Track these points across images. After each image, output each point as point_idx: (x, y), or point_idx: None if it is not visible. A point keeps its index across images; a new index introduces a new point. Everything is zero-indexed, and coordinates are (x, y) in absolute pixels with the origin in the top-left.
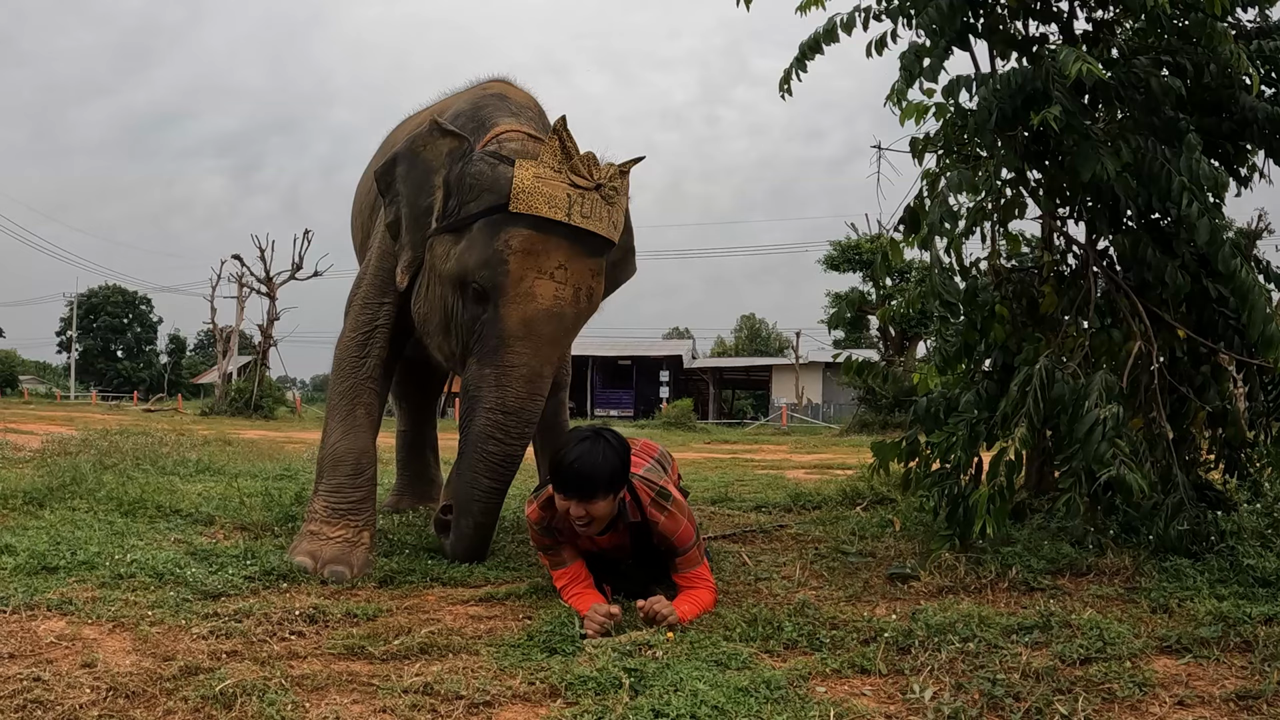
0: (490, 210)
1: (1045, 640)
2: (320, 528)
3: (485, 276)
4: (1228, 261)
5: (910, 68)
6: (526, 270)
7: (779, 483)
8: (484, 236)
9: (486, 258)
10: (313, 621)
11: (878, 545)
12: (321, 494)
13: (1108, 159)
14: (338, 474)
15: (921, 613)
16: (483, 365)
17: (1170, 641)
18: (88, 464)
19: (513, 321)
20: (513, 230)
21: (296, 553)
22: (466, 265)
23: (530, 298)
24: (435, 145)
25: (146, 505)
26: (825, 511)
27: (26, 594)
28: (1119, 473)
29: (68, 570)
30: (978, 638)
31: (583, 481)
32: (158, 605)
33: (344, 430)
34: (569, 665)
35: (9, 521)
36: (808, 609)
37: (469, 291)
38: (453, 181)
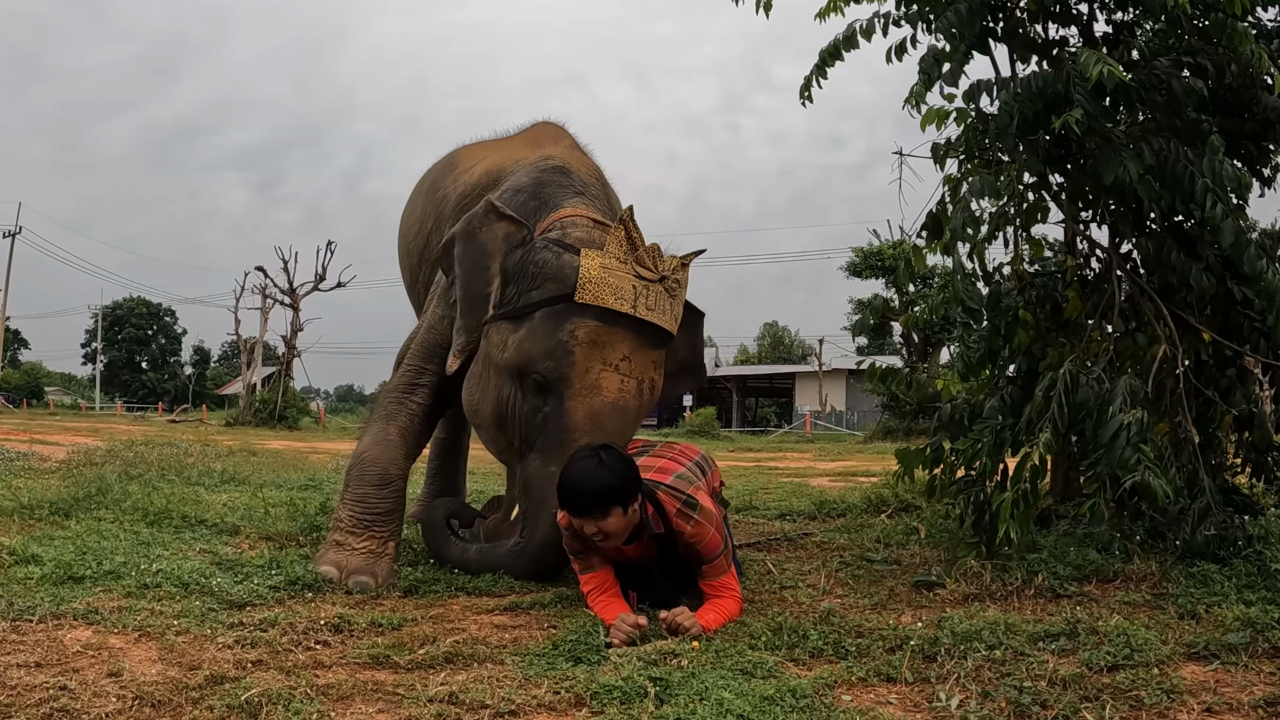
0: (555, 300)
1: (1072, 648)
2: (345, 538)
3: (549, 368)
4: (1253, 263)
5: (929, 71)
6: (592, 362)
7: (803, 490)
8: (547, 326)
9: (550, 348)
10: (338, 631)
11: (903, 553)
12: (347, 503)
13: (1130, 162)
14: (364, 484)
15: (947, 620)
16: (547, 462)
17: (1198, 648)
18: (113, 474)
19: (579, 415)
20: (579, 321)
21: (322, 562)
22: (529, 355)
23: (596, 390)
24: (491, 229)
25: (172, 515)
26: (850, 519)
27: (53, 603)
28: (1144, 478)
29: (94, 580)
30: (1004, 645)
31: (581, 499)
32: (183, 615)
33: (374, 441)
34: (594, 674)
35: (35, 531)
36: (833, 617)
37: (529, 382)
38: (512, 269)
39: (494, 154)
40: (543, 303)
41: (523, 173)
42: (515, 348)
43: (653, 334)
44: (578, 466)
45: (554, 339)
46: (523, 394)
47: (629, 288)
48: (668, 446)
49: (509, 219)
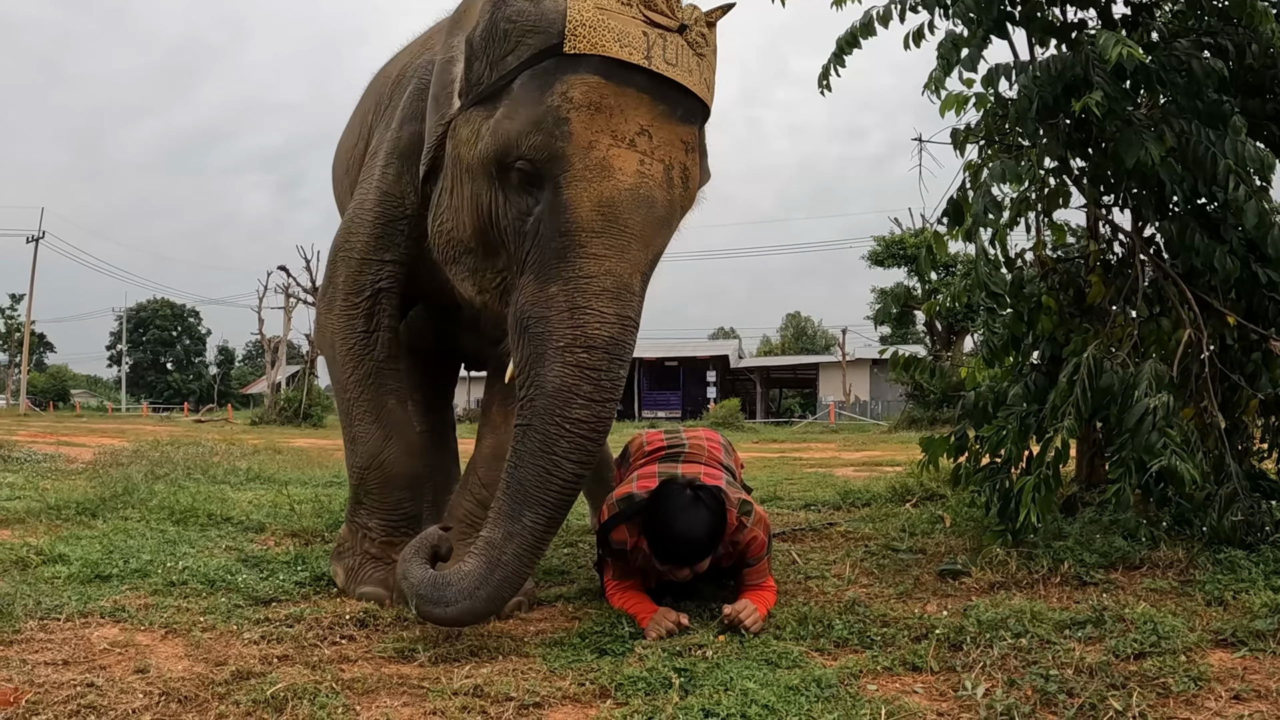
0: (537, 57)
1: (1098, 635)
2: (384, 550)
3: (536, 144)
4: (1277, 244)
5: (948, 56)
6: (597, 134)
7: (828, 480)
8: (529, 94)
9: (536, 118)
10: (363, 625)
11: (928, 542)
12: (376, 511)
13: (1151, 144)
14: (392, 488)
15: (973, 609)
16: (544, 281)
17: (1225, 635)
18: (139, 474)
19: (585, 209)
20: (571, 79)
21: (366, 582)
22: (507, 136)
23: (606, 172)
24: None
25: (198, 514)
26: (875, 509)
27: (80, 602)
28: (1170, 463)
29: (120, 578)
30: (1030, 633)
31: (688, 554)
32: (209, 611)
33: (383, 434)
34: (619, 666)
35: (62, 531)
36: (858, 607)
37: (512, 176)
38: (479, 37)
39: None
40: (521, 66)
41: None
42: (492, 131)
43: (679, 99)
44: (679, 512)
45: (540, 106)
46: (505, 196)
47: (639, 34)
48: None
49: None
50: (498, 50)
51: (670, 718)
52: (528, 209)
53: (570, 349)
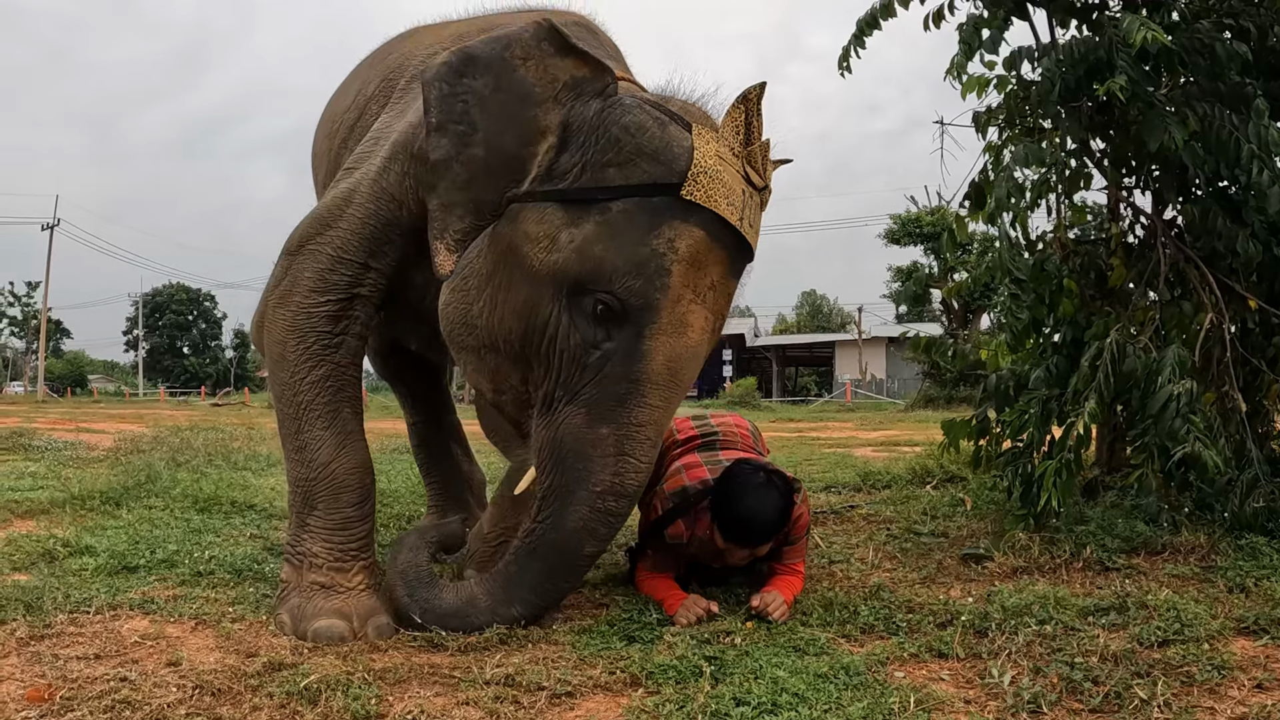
0: (650, 189)
1: (1122, 622)
2: (333, 578)
3: (634, 289)
4: None
5: (969, 40)
6: (685, 289)
7: (847, 461)
8: (633, 227)
9: (640, 260)
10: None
11: (950, 525)
12: (321, 533)
13: (1175, 128)
14: (341, 504)
15: (997, 595)
16: (596, 420)
17: (1248, 623)
18: (161, 462)
19: (658, 361)
20: (681, 227)
21: (317, 616)
22: (600, 264)
23: (683, 329)
24: (549, 64)
25: (221, 501)
26: (895, 491)
27: (109, 594)
28: (1194, 449)
29: (148, 569)
30: (1054, 620)
31: (759, 534)
32: (238, 601)
33: (336, 443)
34: (649, 654)
35: (88, 522)
36: (883, 592)
37: (587, 303)
38: (580, 126)
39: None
40: (631, 189)
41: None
42: (576, 249)
43: (744, 258)
44: (753, 493)
45: (645, 247)
46: (572, 318)
47: (739, 191)
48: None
49: (581, 56)
50: (602, 154)
51: (702, 706)
52: (596, 342)
53: (604, 496)
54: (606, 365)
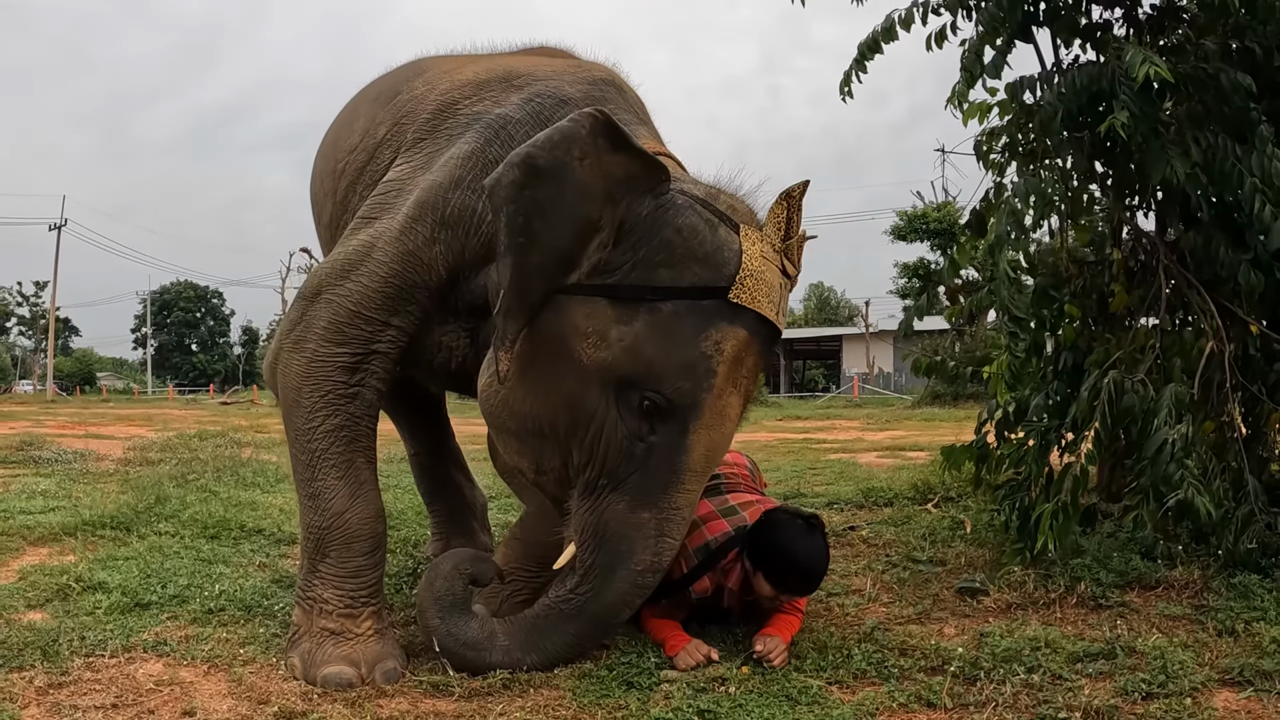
0: (700, 292)
1: (1109, 670)
2: (343, 624)
3: (683, 390)
4: None
5: (971, 68)
6: (727, 384)
7: (851, 471)
8: (683, 329)
9: (690, 361)
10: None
11: (948, 552)
12: (332, 580)
13: (1177, 160)
14: (353, 553)
15: (989, 636)
16: (640, 507)
17: (1233, 674)
18: (170, 480)
19: (699, 452)
20: (727, 329)
21: (327, 663)
22: (651, 364)
23: (721, 420)
24: (604, 160)
25: (230, 526)
26: (897, 509)
27: (123, 635)
28: (1188, 495)
29: (160, 605)
30: (1042, 668)
31: (812, 581)
32: (249, 642)
33: (350, 492)
34: (646, 703)
35: (99, 551)
36: (877, 634)
37: (633, 398)
38: (633, 225)
39: (488, 59)
40: (681, 290)
41: (561, 78)
42: (627, 348)
43: (775, 342)
44: (805, 545)
45: (694, 349)
46: (619, 412)
47: (776, 286)
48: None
49: (634, 152)
50: (654, 254)
51: None
52: (641, 435)
53: (645, 573)
54: (651, 458)
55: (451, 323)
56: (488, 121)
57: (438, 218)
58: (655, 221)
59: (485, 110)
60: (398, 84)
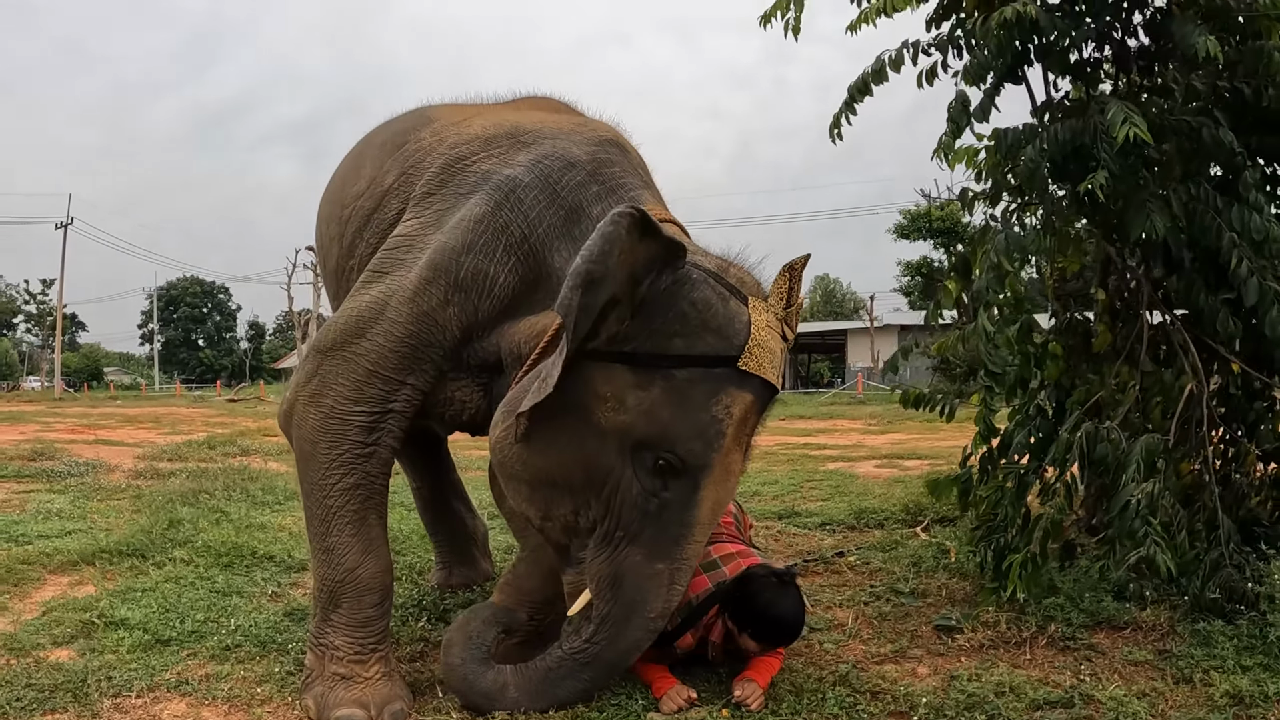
0: (712, 360)
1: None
2: (353, 669)
3: (695, 451)
4: (1274, 326)
5: (957, 120)
6: (734, 441)
7: (847, 486)
8: (697, 395)
9: (702, 426)
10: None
11: (931, 583)
12: (343, 629)
13: (1157, 216)
14: (364, 605)
15: (958, 679)
16: (654, 559)
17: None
18: (181, 500)
19: (707, 507)
20: (736, 394)
21: (339, 706)
22: (666, 428)
23: (727, 476)
24: (634, 247)
25: (242, 552)
26: (887, 532)
27: (146, 675)
28: (1149, 552)
29: (179, 643)
30: (1003, 716)
31: (795, 634)
32: (265, 680)
33: (363, 548)
34: None
35: (117, 583)
36: (851, 676)
37: (648, 459)
38: (653, 299)
39: (492, 112)
40: (695, 359)
41: (568, 138)
42: (644, 413)
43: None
44: (783, 602)
45: (707, 413)
46: (635, 470)
47: (778, 352)
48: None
49: (662, 239)
50: (670, 325)
51: None
52: (655, 491)
53: (656, 619)
54: (664, 513)
55: (465, 378)
56: (497, 183)
57: (451, 280)
58: (672, 295)
59: (494, 169)
60: (405, 132)
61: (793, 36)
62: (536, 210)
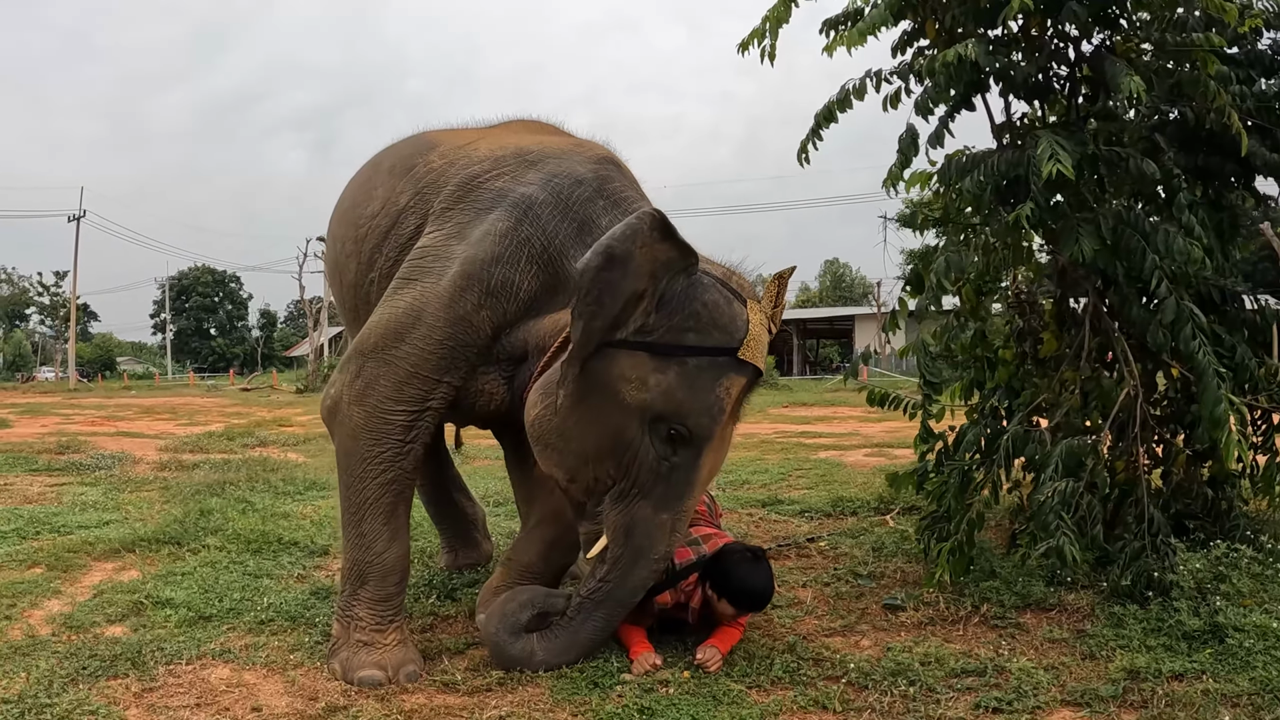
0: (719, 351)
1: (975, 686)
2: (373, 637)
3: (702, 424)
4: (1187, 342)
5: (906, 151)
6: (730, 417)
7: (833, 474)
8: (704, 379)
9: (708, 404)
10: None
11: (888, 566)
12: (367, 603)
13: (1085, 240)
14: (386, 584)
15: (893, 650)
16: (660, 509)
17: (1077, 695)
18: (208, 491)
19: (706, 469)
20: (735, 378)
21: (361, 668)
22: (680, 405)
23: (723, 444)
24: (655, 248)
25: (269, 539)
26: (859, 519)
27: (194, 646)
28: (1059, 543)
29: (220, 619)
30: (922, 681)
31: (765, 600)
32: (296, 649)
33: (390, 535)
34: (605, 700)
35: (159, 568)
36: (799, 646)
37: (663, 430)
38: (670, 297)
39: (493, 135)
40: (704, 349)
41: (571, 158)
42: (662, 392)
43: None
44: (757, 574)
45: (711, 394)
46: (651, 439)
47: (765, 342)
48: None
49: (675, 242)
50: (685, 321)
51: None
52: (666, 456)
53: (660, 560)
54: (672, 474)
55: (493, 371)
56: (514, 200)
57: (484, 288)
58: (687, 295)
59: (507, 186)
60: (412, 156)
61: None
62: (553, 224)
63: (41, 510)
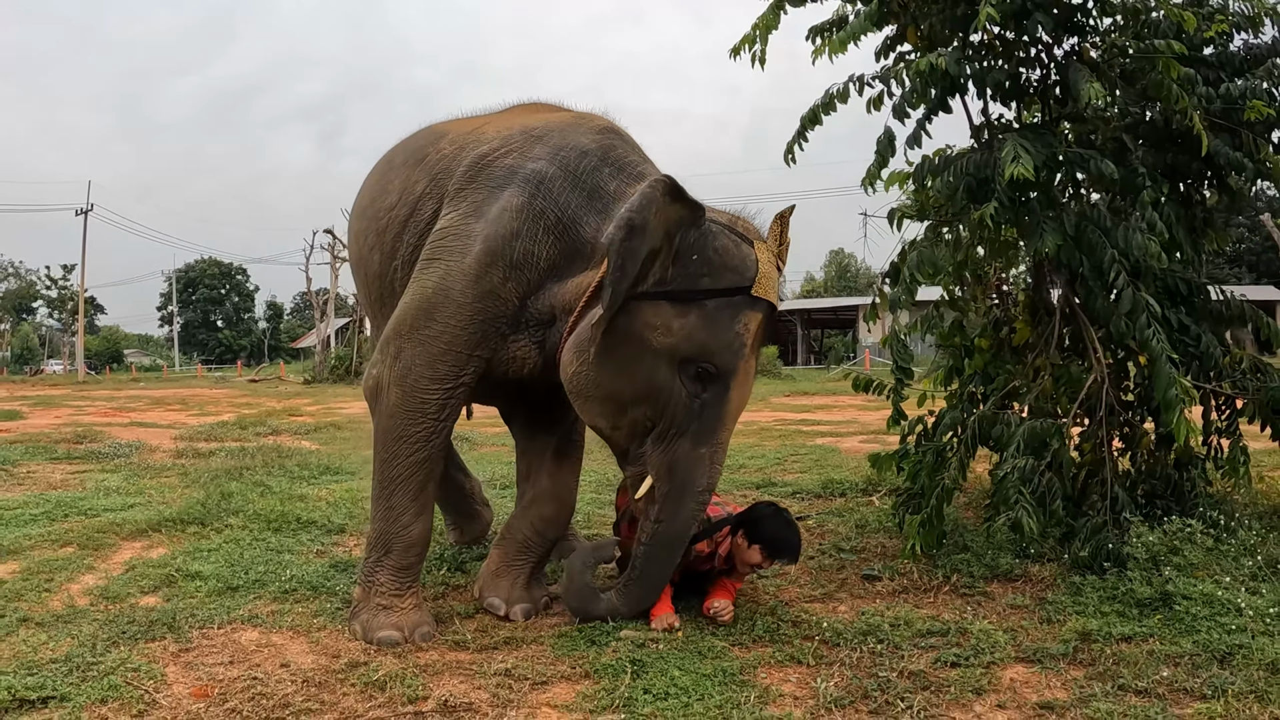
0: (733, 291)
1: (937, 645)
2: (392, 601)
3: (726, 360)
4: (1142, 331)
5: (883, 153)
6: (750, 352)
7: (827, 459)
8: (723, 318)
9: (729, 341)
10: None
11: (870, 541)
12: (389, 570)
13: (1049, 236)
14: (409, 555)
15: (866, 614)
16: (698, 444)
17: (1030, 653)
18: (226, 475)
19: (735, 403)
20: (751, 314)
21: (380, 629)
22: (704, 344)
23: (747, 377)
24: (668, 209)
25: (288, 519)
26: (847, 500)
27: (224, 612)
28: (1017, 515)
29: (246, 589)
30: (889, 640)
31: (798, 549)
32: (319, 614)
33: (417, 510)
34: (601, 654)
35: (184, 545)
36: (779, 611)
37: (690, 369)
38: (684, 249)
39: (499, 118)
40: (720, 291)
41: (575, 131)
42: (685, 335)
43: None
44: (787, 527)
45: (731, 332)
46: (683, 380)
47: (776, 278)
48: None
49: (685, 201)
50: (699, 268)
51: (621, 694)
52: (697, 394)
53: (703, 491)
54: (705, 410)
55: (523, 337)
56: (525, 176)
57: (507, 263)
58: (699, 244)
59: (517, 163)
60: (424, 147)
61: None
62: (564, 195)
63: (67, 495)
